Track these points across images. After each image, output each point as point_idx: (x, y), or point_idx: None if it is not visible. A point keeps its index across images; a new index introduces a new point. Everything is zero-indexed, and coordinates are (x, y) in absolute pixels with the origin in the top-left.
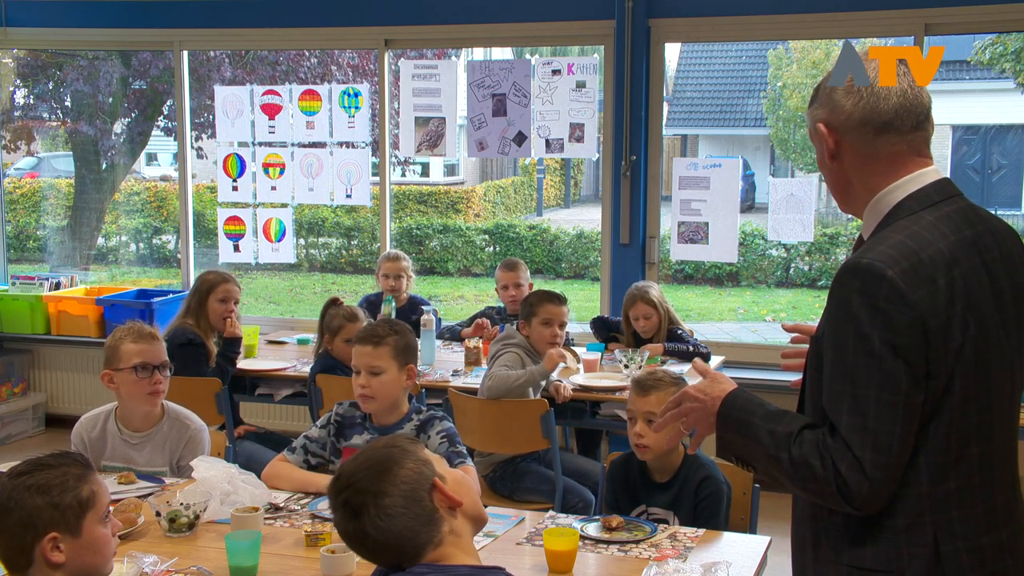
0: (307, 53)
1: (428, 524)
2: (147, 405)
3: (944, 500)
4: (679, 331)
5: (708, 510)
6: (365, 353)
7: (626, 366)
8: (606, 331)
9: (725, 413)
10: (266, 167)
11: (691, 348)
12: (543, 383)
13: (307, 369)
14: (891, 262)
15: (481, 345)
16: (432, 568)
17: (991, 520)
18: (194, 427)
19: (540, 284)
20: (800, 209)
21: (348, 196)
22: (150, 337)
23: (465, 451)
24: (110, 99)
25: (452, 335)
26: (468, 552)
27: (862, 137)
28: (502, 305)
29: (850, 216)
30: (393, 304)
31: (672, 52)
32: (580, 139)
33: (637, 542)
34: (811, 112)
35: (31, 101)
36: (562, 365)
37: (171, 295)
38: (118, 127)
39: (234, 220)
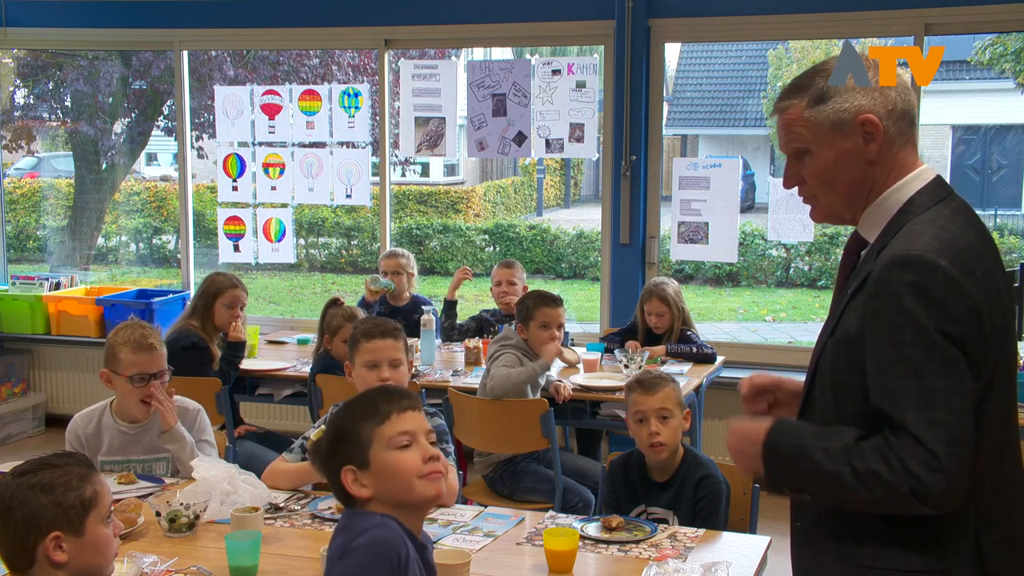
0: (309, 53)
1: (341, 492)
2: (141, 411)
3: (982, 490)
4: (690, 333)
5: (707, 509)
6: (388, 347)
7: (626, 366)
8: (619, 339)
9: (772, 442)
10: (266, 167)
11: (694, 349)
12: (543, 382)
13: (307, 369)
14: (939, 253)
15: (481, 345)
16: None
17: (1019, 508)
18: (192, 409)
19: (540, 284)
20: (800, 209)
21: (348, 196)
22: (149, 348)
23: (451, 449)
24: (110, 99)
25: (483, 322)
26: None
27: (899, 128)
28: (497, 308)
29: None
30: (391, 284)
31: (672, 52)
32: (580, 139)
33: (637, 542)
34: (828, 109)
35: (31, 101)
36: (562, 365)
37: (171, 295)
38: (118, 127)
39: (234, 220)
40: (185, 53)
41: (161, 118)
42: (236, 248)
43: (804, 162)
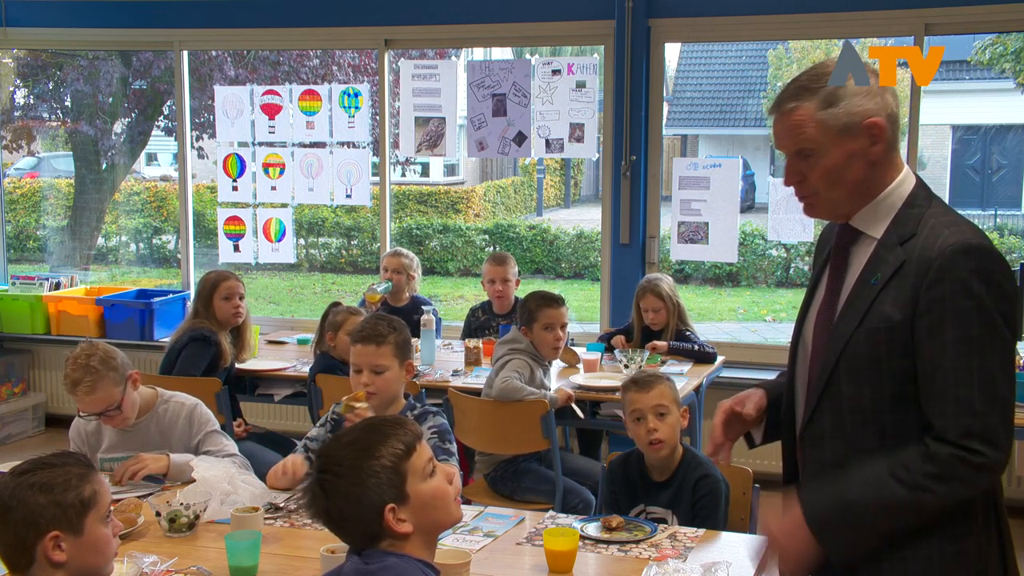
0: (309, 53)
1: (373, 534)
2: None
3: None
4: (688, 332)
5: (706, 508)
6: (368, 352)
7: (626, 366)
8: (608, 337)
9: (814, 515)
10: (266, 167)
11: (696, 348)
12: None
13: (307, 369)
14: (989, 241)
15: (481, 345)
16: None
17: None
18: (189, 403)
19: (540, 284)
20: (799, 209)
21: (348, 196)
22: (79, 396)
23: (454, 449)
24: (110, 99)
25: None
26: (421, 548)
27: (893, 132)
28: (487, 300)
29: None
30: (389, 285)
31: (672, 52)
32: (580, 139)
33: (637, 542)
34: (838, 112)
35: (31, 101)
36: (563, 365)
37: (171, 295)
38: (118, 127)
39: (234, 220)
40: (185, 53)
41: (161, 118)
42: (236, 248)
43: (809, 161)
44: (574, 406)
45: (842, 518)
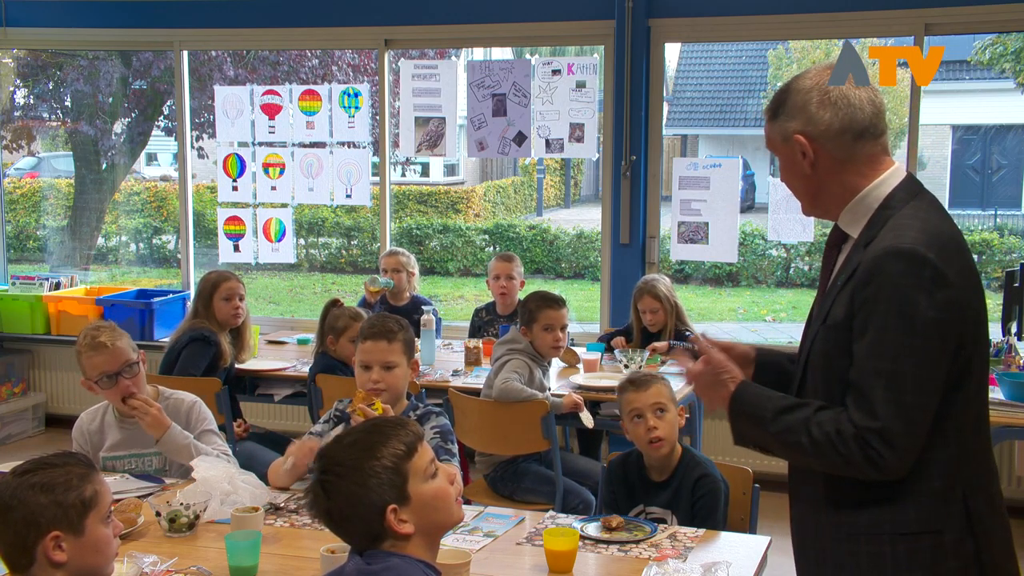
0: (308, 53)
1: (374, 534)
2: (126, 410)
3: (967, 457)
4: (687, 333)
5: (706, 508)
6: (380, 349)
7: (626, 366)
8: (607, 338)
9: (737, 409)
10: (266, 167)
11: (696, 348)
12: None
13: (307, 369)
14: (926, 245)
15: (481, 345)
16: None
17: (994, 471)
18: (189, 400)
19: (540, 284)
20: (799, 209)
21: (348, 196)
22: (100, 347)
23: (455, 449)
24: (110, 99)
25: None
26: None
27: (840, 145)
28: (492, 301)
29: None
30: (391, 282)
31: (672, 52)
32: (580, 139)
33: (637, 542)
34: (778, 125)
35: (31, 101)
36: (563, 365)
37: (171, 295)
38: (118, 127)
39: (234, 220)
40: (185, 53)
41: (161, 118)
42: (236, 248)
43: None
44: (582, 416)
45: (751, 423)
